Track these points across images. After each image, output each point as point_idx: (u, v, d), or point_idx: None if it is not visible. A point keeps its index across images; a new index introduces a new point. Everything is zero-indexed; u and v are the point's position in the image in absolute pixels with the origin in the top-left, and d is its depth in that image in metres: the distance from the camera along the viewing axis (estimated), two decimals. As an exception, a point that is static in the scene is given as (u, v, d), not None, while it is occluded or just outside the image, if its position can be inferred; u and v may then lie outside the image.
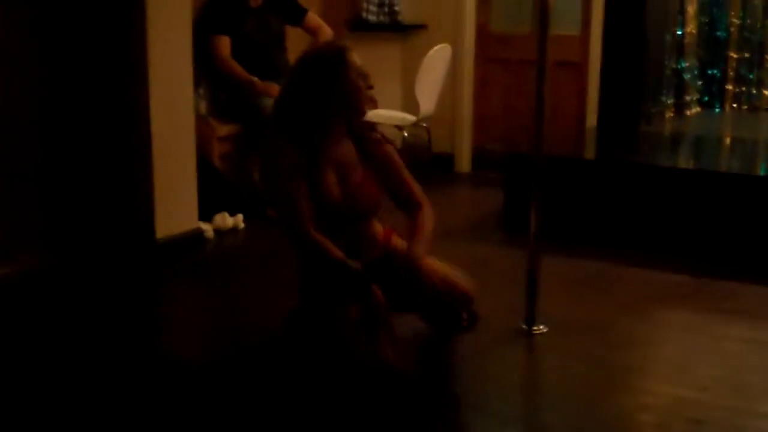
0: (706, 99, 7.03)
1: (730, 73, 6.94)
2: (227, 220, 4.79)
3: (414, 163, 3.28)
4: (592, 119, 6.08)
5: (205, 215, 4.67)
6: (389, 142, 3.17)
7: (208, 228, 4.66)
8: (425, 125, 6.09)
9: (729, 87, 6.96)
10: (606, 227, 4.61)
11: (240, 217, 4.87)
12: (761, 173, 4.88)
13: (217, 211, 4.78)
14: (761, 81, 6.99)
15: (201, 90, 5.05)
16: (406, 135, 5.93)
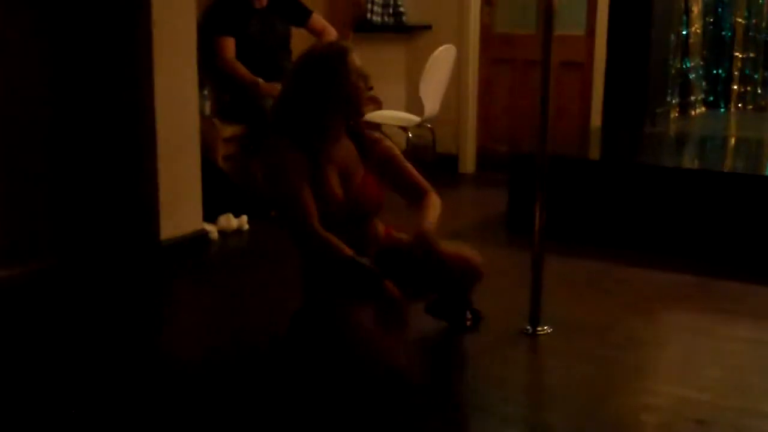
0: (711, 99, 7.03)
1: (735, 73, 6.93)
2: (232, 221, 4.79)
3: (418, 164, 3.28)
4: (596, 119, 6.07)
5: (210, 216, 4.67)
6: (388, 138, 3.17)
7: (212, 229, 4.66)
8: (429, 126, 6.10)
9: (734, 87, 6.96)
10: (610, 228, 4.61)
11: (244, 219, 4.87)
12: (766, 173, 4.87)
13: (222, 212, 4.79)
14: (766, 81, 6.99)
15: (206, 91, 5.06)
16: (410, 135, 5.93)
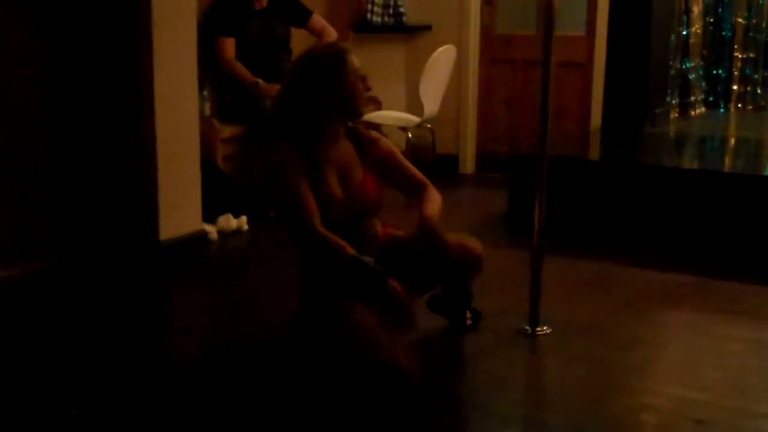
0: (711, 99, 7.04)
1: (735, 73, 6.94)
2: (231, 221, 4.79)
3: (418, 164, 3.28)
4: (596, 120, 6.07)
5: (209, 217, 4.67)
6: (385, 136, 3.18)
7: (212, 229, 4.66)
8: (429, 126, 6.10)
9: (734, 87, 6.96)
10: (610, 228, 4.61)
11: (244, 219, 4.87)
12: (766, 173, 4.87)
13: (221, 213, 4.78)
14: (766, 81, 7.00)
15: (205, 91, 5.07)
16: (410, 136, 5.94)
